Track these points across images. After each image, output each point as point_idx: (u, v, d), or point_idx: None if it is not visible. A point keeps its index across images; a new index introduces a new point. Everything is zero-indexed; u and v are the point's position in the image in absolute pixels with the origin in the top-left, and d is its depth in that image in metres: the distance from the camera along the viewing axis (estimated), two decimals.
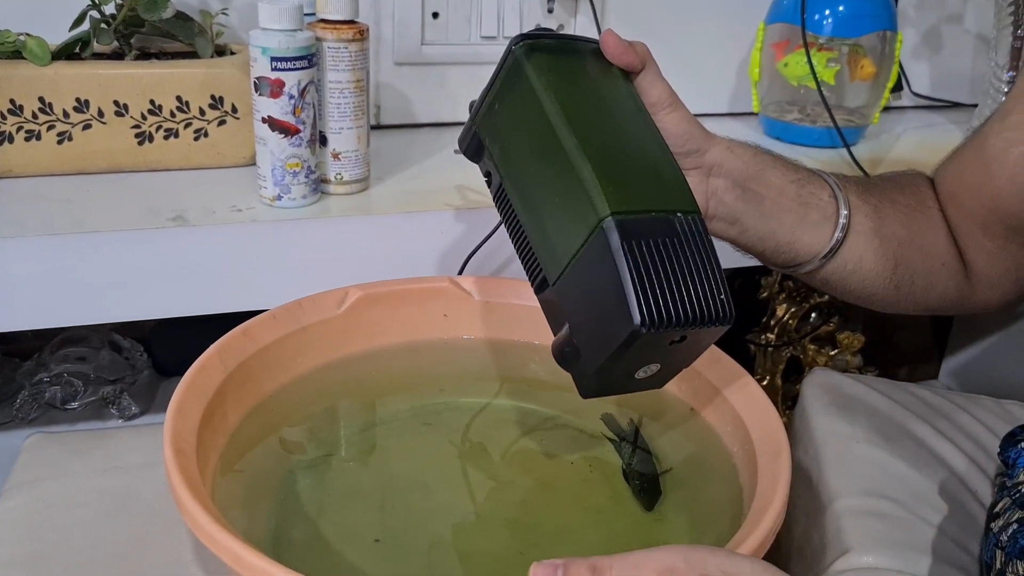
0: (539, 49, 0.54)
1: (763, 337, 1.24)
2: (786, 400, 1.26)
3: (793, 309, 1.24)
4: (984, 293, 0.69)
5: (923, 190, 0.69)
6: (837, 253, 0.65)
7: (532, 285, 0.54)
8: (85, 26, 0.79)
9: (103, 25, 0.79)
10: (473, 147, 0.58)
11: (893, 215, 0.67)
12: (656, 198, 0.50)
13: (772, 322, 1.25)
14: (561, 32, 0.57)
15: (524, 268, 0.55)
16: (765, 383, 1.24)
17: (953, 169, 0.68)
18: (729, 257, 0.89)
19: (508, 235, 0.56)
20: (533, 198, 0.53)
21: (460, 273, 0.77)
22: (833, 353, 1.28)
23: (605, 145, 0.51)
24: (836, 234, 0.64)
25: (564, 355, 0.52)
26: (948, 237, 0.68)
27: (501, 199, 0.56)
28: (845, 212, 0.64)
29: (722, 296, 0.48)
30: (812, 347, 1.27)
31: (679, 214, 0.49)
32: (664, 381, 0.54)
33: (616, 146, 0.52)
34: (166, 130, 0.80)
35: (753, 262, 0.70)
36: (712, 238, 0.50)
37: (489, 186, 0.58)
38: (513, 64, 0.54)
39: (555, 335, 0.53)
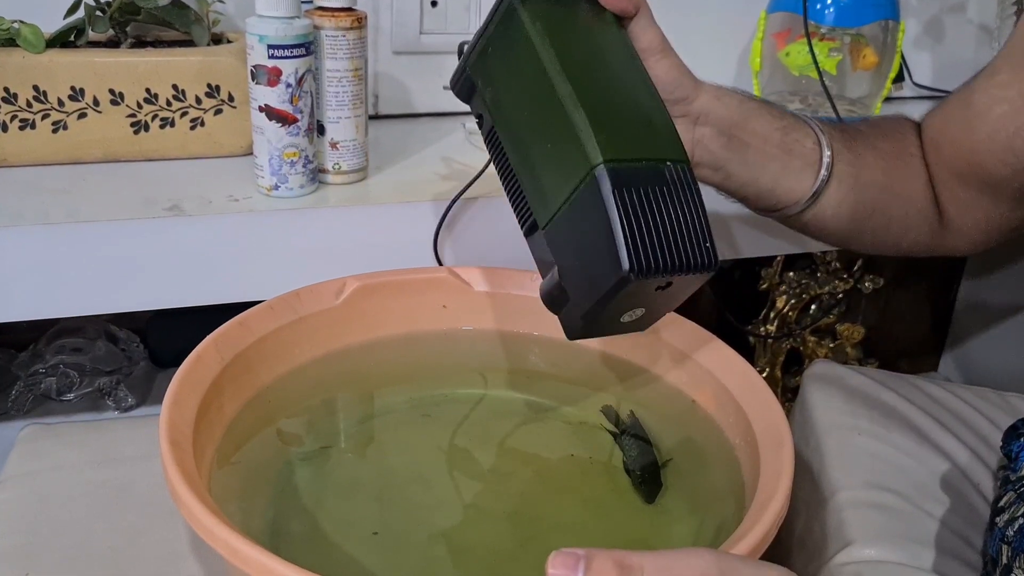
0: None
1: (763, 329, 1.24)
2: (786, 392, 1.26)
3: (793, 301, 1.23)
4: (954, 240, 0.71)
5: (907, 136, 0.71)
6: (818, 199, 0.67)
7: (521, 228, 0.55)
8: (80, 13, 0.78)
9: (98, 12, 0.78)
10: (465, 89, 0.59)
11: (874, 162, 0.68)
12: (647, 147, 0.51)
13: (772, 314, 1.24)
14: None
15: (513, 211, 0.56)
16: (765, 375, 1.24)
17: (939, 119, 0.69)
18: (730, 248, 0.89)
19: (498, 177, 0.57)
20: (525, 142, 0.54)
21: (437, 259, 0.76)
22: (833, 345, 1.27)
23: (599, 92, 0.51)
24: (818, 181, 0.66)
25: (552, 298, 0.53)
26: (926, 184, 0.69)
27: (492, 141, 0.57)
28: (828, 160, 0.66)
29: (707, 244, 0.49)
30: (812, 339, 1.26)
31: (669, 163, 0.50)
32: (648, 324, 0.55)
33: (609, 94, 0.52)
34: (162, 119, 0.79)
35: (754, 252, 0.70)
36: (699, 187, 0.51)
37: (480, 128, 0.58)
38: (507, 9, 0.55)
39: (543, 278, 0.54)
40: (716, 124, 0.63)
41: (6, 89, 0.74)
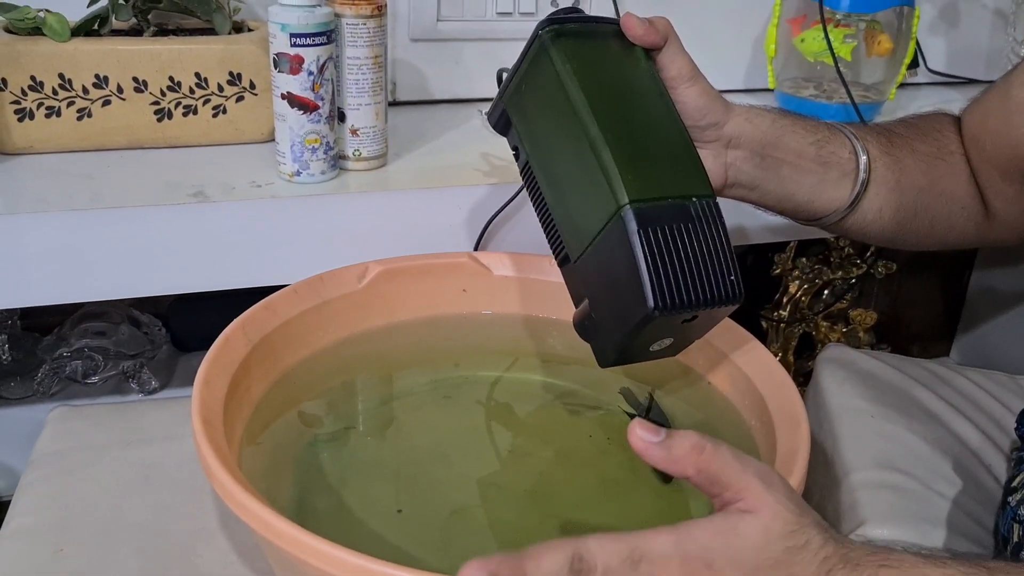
0: (564, 34, 0.56)
1: (776, 314, 1.25)
2: (798, 377, 1.26)
3: (806, 286, 1.24)
4: (1001, 232, 0.71)
5: (947, 134, 0.71)
6: (857, 207, 0.67)
7: (555, 259, 0.57)
8: (103, 2, 0.79)
9: (121, 1, 0.79)
10: (501, 122, 0.61)
11: (914, 165, 0.69)
12: (673, 184, 0.52)
13: (785, 299, 1.25)
14: (586, 15, 0.58)
15: (548, 242, 0.57)
16: (778, 359, 1.24)
17: (978, 114, 0.69)
18: (743, 234, 0.90)
19: (533, 208, 0.59)
20: (557, 178, 0.56)
21: (476, 247, 0.78)
22: (846, 330, 1.28)
23: (626, 131, 0.53)
24: (855, 190, 0.66)
25: (584, 328, 0.55)
26: (969, 180, 0.69)
27: (527, 174, 0.59)
28: (864, 169, 0.66)
29: (732, 277, 0.51)
30: (824, 324, 1.27)
31: (695, 199, 0.52)
32: (678, 351, 0.57)
33: (636, 132, 0.54)
34: (185, 106, 0.80)
35: (767, 238, 0.70)
36: (724, 220, 0.52)
37: (516, 160, 0.60)
38: (539, 49, 0.56)
39: (576, 307, 0.56)
40: (749, 146, 0.63)
41: (32, 77, 0.76)
